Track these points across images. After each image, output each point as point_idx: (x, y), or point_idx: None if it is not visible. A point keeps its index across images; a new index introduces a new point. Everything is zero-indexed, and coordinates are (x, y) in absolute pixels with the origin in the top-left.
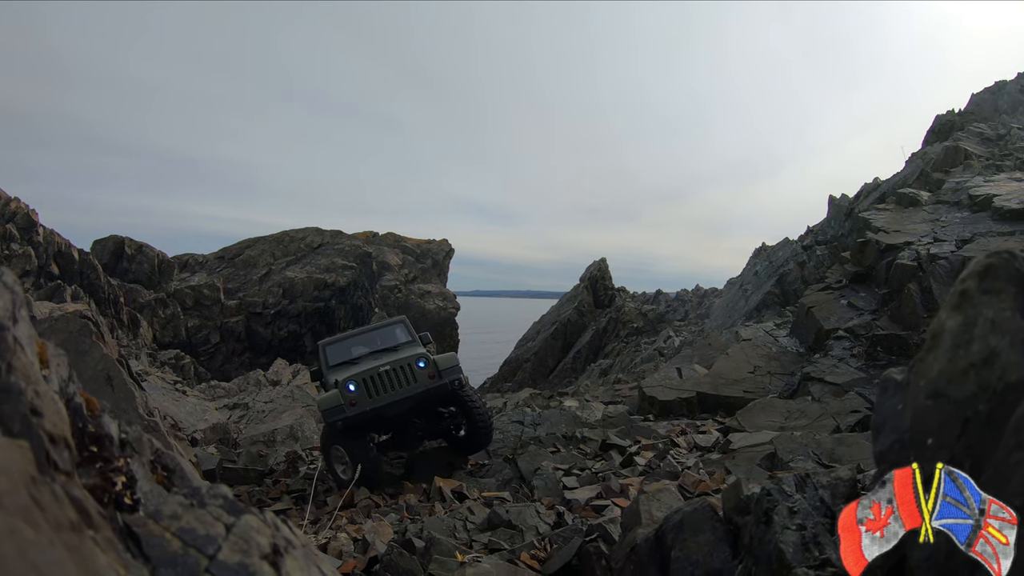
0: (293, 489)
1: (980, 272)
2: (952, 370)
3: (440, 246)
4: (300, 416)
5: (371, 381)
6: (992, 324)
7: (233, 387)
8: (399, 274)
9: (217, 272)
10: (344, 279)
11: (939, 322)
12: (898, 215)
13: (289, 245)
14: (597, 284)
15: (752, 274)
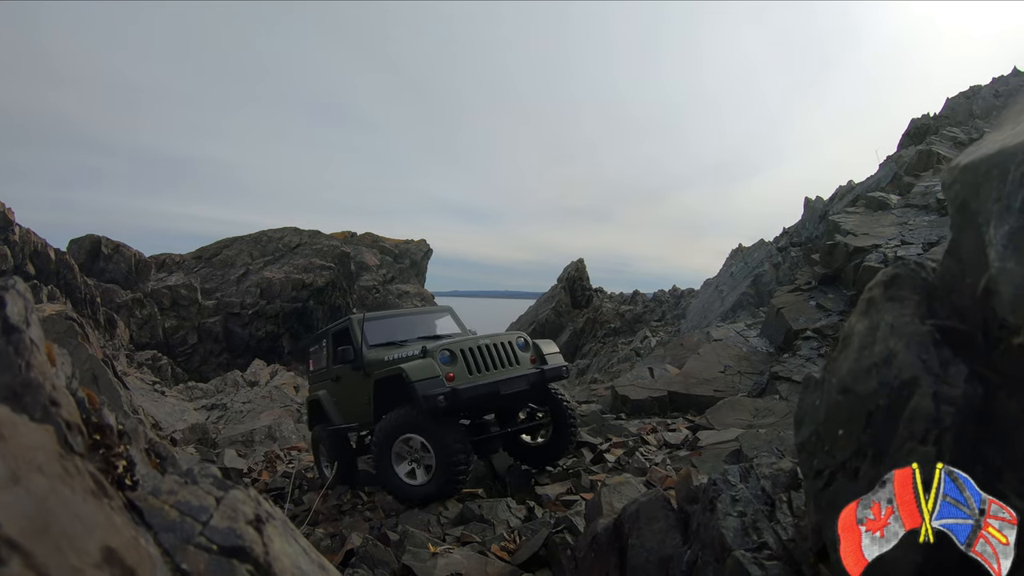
0: (271, 488)
1: (886, 281)
2: (858, 369)
3: (418, 246)
4: (278, 416)
5: (471, 354)
6: (892, 328)
7: (211, 388)
8: (377, 274)
9: (194, 272)
10: (322, 279)
11: (849, 326)
12: (867, 218)
13: (267, 245)
14: (575, 284)
15: (728, 275)
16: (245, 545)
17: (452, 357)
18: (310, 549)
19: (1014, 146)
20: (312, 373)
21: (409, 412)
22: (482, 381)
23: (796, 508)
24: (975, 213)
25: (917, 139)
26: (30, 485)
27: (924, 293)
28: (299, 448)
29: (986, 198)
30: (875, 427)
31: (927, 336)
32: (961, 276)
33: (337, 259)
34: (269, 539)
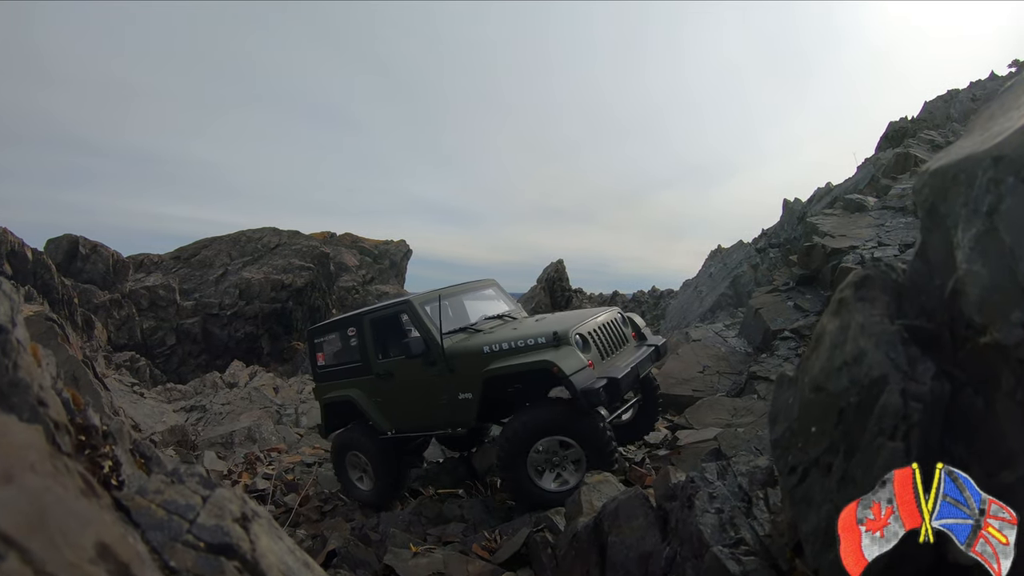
0: (252, 490)
1: (857, 282)
2: (830, 367)
3: (398, 247)
4: (258, 418)
5: (598, 336)
6: (862, 327)
7: (190, 389)
8: (356, 275)
9: (173, 272)
10: (301, 280)
11: (821, 325)
12: (844, 220)
13: (246, 245)
14: (554, 285)
15: (707, 276)
16: (232, 542)
17: (584, 342)
18: (295, 548)
19: (982, 152)
20: (324, 369)
21: (551, 411)
22: (622, 365)
23: (772, 504)
24: (943, 216)
25: (895, 142)
26: (24, 483)
27: (893, 294)
28: (279, 450)
29: (954, 202)
30: (846, 423)
31: (896, 335)
32: (929, 277)
33: (316, 260)
34: (256, 536)
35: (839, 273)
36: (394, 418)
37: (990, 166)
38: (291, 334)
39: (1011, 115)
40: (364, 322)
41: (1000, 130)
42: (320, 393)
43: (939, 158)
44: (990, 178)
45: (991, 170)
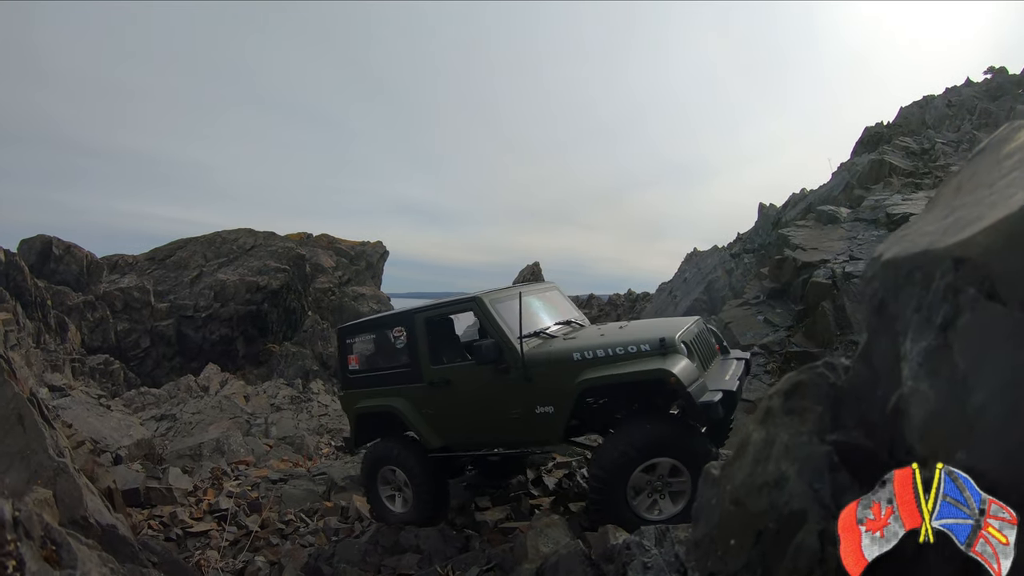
0: (215, 510)
1: (787, 391)
2: (751, 484)
3: (375, 248)
4: (227, 428)
5: (696, 346)
6: (786, 449)
7: (163, 393)
8: (333, 276)
9: (147, 274)
10: (277, 282)
11: (747, 433)
12: (816, 232)
13: (221, 247)
14: None
15: (681, 280)
16: None
17: (689, 351)
18: None
19: (942, 249)
20: (357, 375)
21: (666, 427)
22: (727, 378)
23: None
24: (893, 318)
25: (871, 147)
26: None
27: (830, 402)
28: (247, 463)
29: (906, 304)
30: (764, 547)
31: (823, 460)
32: (872, 385)
33: (292, 261)
34: None
35: (810, 287)
36: (448, 433)
37: (949, 269)
38: (266, 336)
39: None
40: (417, 321)
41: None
42: (350, 402)
43: (894, 243)
44: (948, 284)
45: (950, 275)
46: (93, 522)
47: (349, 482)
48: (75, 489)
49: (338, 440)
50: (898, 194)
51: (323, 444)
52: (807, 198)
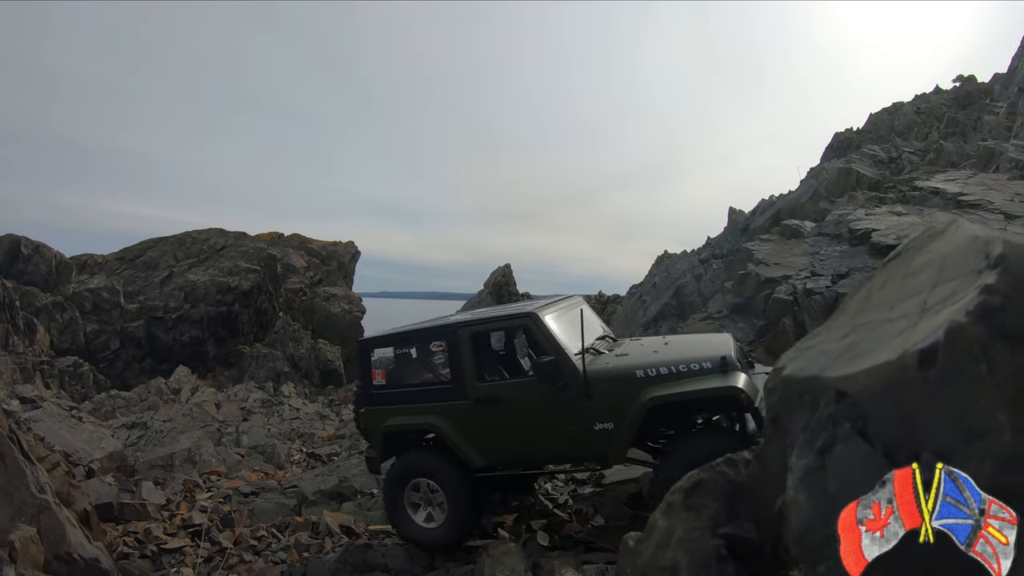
0: (188, 525)
1: (688, 488)
2: (652, 567)
3: (346, 248)
4: (198, 438)
5: (740, 361)
6: (681, 540)
7: (134, 397)
8: (304, 276)
9: (117, 274)
10: (248, 283)
11: (654, 518)
12: (780, 247)
13: (192, 247)
14: (502, 290)
15: (651, 285)
16: None
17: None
18: None
19: (829, 379)
20: (383, 390)
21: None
22: None
23: None
24: (784, 431)
25: (840, 152)
26: None
27: (727, 497)
28: (218, 473)
29: (795, 422)
30: None
31: (712, 553)
32: (764, 486)
33: (263, 262)
34: None
35: (772, 303)
36: (493, 452)
37: (832, 400)
38: (237, 338)
39: (880, 317)
40: (461, 335)
41: (858, 348)
42: (375, 419)
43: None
44: (830, 414)
45: (832, 405)
46: (76, 557)
47: (319, 496)
48: (58, 525)
49: (309, 446)
50: (862, 208)
51: (294, 451)
52: (775, 205)
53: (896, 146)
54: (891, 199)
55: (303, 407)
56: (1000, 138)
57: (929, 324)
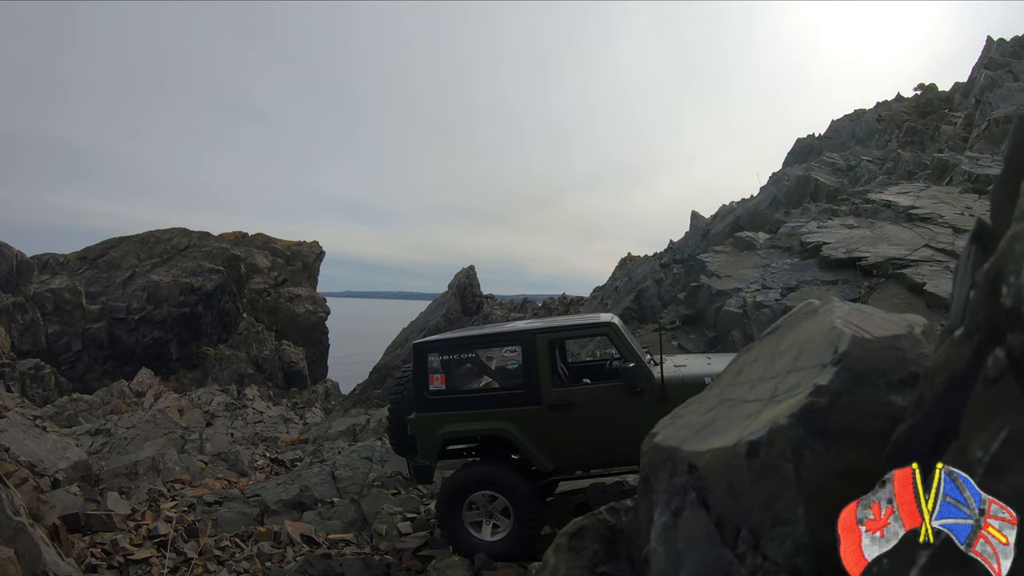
0: (154, 535)
1: (572, 533)
2: None
3: (311, 248)
4: (162, 446)
5: None
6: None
7: (96, 400)
8: (268, 277)
9: (79, 274)
10: (211, 284)
11: (547, 556)
12: (732, 259)
13: (154, 246)
14: (465, 291)
15: (613, 288)
16: None
17: None
18: None
19: (686, 452)
20: (441, 396)
21: None
22: None
23: None
24: (651, 491)
25: (802, 157)
26: None
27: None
28: (182, 481)
29: (659, 485)
30: None
31: None
32: (637, 532)
33: (227, 262)
34: None
35: (722, 316)
36: (564, 455)
37: (685, 471)
38: (200, 339)
39: (741, 395)
40: (539, 342)
41: (716, 425)
42: (430, 425)
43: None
44: (683, 483)
45: (685, 476)
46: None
47: (281, 505)
48: (33, 546)
49: (273, 451)
50: (814, 220)
51: (258, 456)
52: (735, 211)
53: (855, 154)
54: (844, 211)
55: (267, 410)
56: (956, 149)
57: (768, 415)
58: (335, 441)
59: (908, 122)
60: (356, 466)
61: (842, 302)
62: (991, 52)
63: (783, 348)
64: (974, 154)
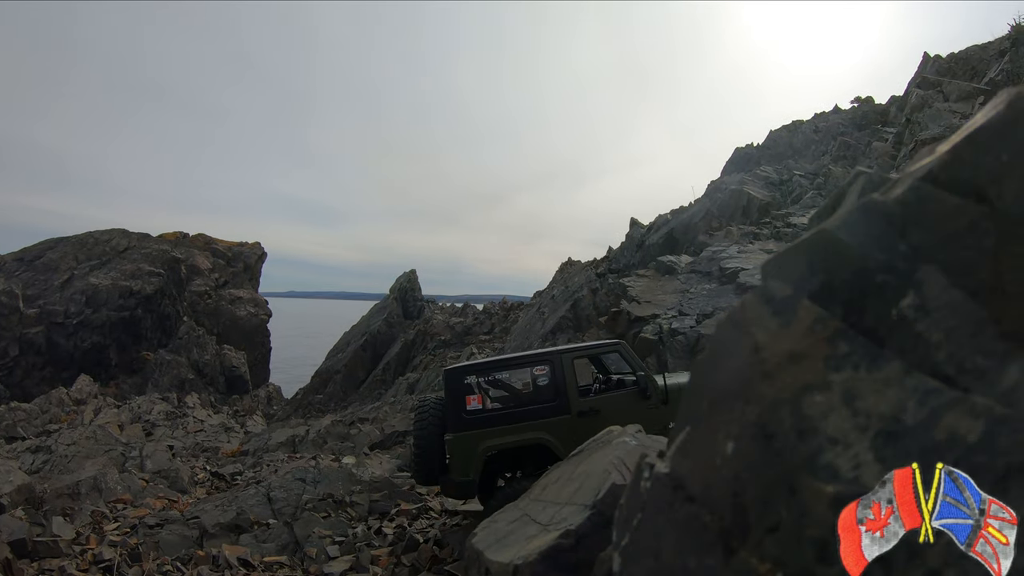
0: (100, 560)
1: None
2: None
3: (252, 249)
4: (103, 465)
5: None
6: None
7: (35, 408)
8: (209, 279)
9: (15, 276)
10: (151, 287)
11: None
12: (654, 283)
13: (93, 248)
14: (407, 295)
15: (550, 297)
16: None
17: None
18: None
19: (486, 558)
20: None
21: None
22: None
23: None
24: None
25: (740, 166)
26: None
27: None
28: (124, 501)
29: None
30: None
31: None
32: None
33: (167, 264)
34: None
35: (639, 342)
36: None
37: (484, 573)
38: (140, 344)
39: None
40: (565, 360)
41: (511, 536)
42: (470, 443)
43: (485, 526)
44: None
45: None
46: None
47: (219, 529)
48: None
49: (214, 463)
50: (736, 244)
51: (199, 469)
52: (670, 223)
53: (788, 168)
54: (766, 235)
55: (208, 419)
56: (884, 168)
57: (535, 544)
58: (274, 453)
59: (843, 136)
60: (291, 487)
61: (633, 435)
62: (926, 69)
63: (576, 475)
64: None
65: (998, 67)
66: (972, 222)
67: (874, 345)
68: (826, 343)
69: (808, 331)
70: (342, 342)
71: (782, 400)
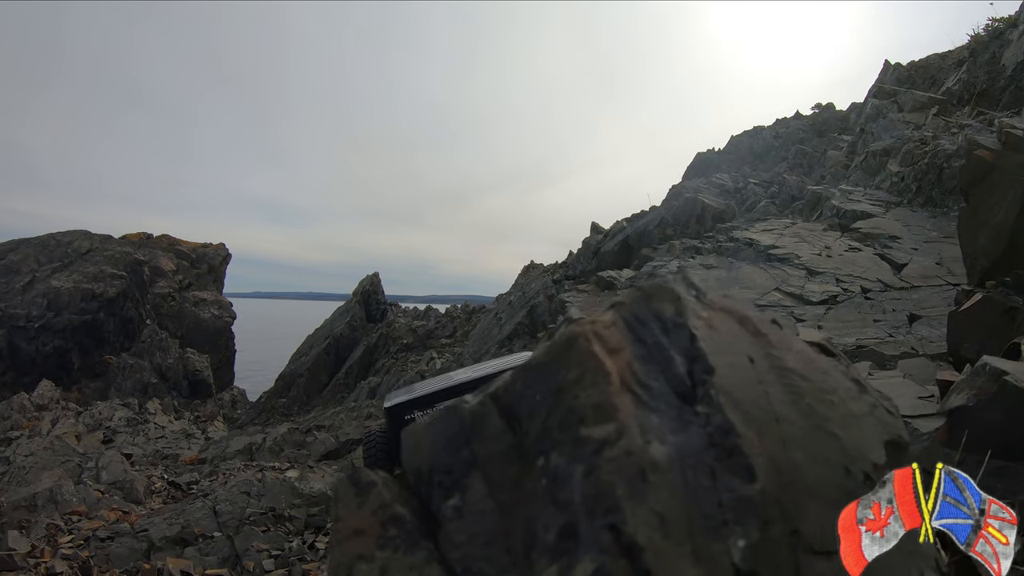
0: (53, 573)
1: None
2: None
3: (216, 250)
4: (59, 477)
5: None
6: None
7: None
8: (173, 280)
9: None
10: (113, 289)
11: None
12: (592, 299)
13: (55, 250)
14: (369, 299)
15: (507, 304)
16: None
17: None
18: None
19: None
20: None
21: None
22: None
23: None
24: None
25: (702, 171)
26: None
27: None
28: (79, 512)
29: None
30: None
31: None
32: None
33: (129, 267)
34: None
35: None
36: None
37: None
38: (103, 348)
39: None
40: None
41: None
42: None
43: None
44: None
45: None
46: None
47: (165, 542)
48: None
49: (172, 472)
50: (676, 260)
51: (156, 478)
52: (625, 230)
53: (744, 175)
54: (707, 249)
55: (169, 425)
56: (837, 177)
57: None
58: (232, 461)
59: (799, 144)
60: (236, 501)
61: None
62: (886, 77)
63: None
64: (848, 187)
65: (955, 77)
66: (506, 448)
67: (418, 534)
68: (380, 525)
69: (372, 513)
70: (305, 345)
71: (343, 563)
